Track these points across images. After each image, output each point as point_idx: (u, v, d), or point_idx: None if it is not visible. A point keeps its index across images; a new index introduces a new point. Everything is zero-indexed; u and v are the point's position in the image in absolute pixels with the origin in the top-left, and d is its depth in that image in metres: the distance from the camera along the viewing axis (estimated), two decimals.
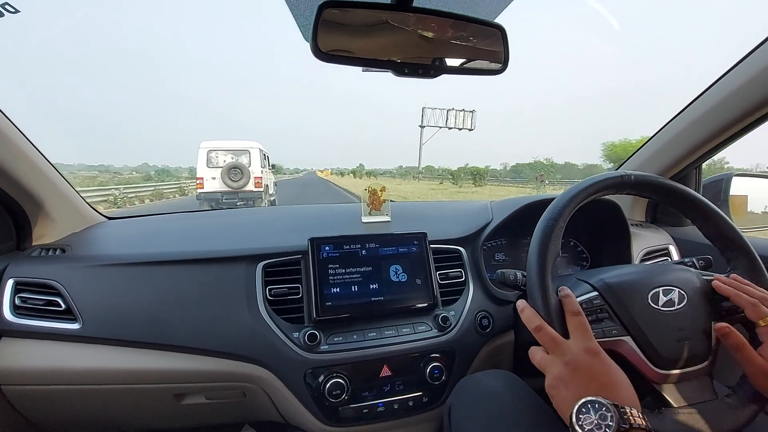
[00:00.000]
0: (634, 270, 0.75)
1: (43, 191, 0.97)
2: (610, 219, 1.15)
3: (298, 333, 0.88)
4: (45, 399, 0.89)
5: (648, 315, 0.66)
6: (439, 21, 0.72)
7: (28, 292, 0.87)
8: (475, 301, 1.01)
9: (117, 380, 0.87)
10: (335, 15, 0.66)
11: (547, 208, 0.72)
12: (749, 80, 0.94)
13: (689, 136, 1.14)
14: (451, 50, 0.75)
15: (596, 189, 0.73)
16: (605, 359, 0.57)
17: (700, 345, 0.65)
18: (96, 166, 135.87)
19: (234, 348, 0.87)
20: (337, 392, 0.84)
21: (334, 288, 0.92)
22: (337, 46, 0.69)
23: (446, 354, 0.94)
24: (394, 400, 0.91)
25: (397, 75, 0.73)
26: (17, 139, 0.89)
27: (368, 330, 0.92)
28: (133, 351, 0.87)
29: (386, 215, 1.18)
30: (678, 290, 0.68)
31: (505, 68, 0.76)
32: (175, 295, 0.90)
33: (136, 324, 0.86)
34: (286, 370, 0.87)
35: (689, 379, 0.64)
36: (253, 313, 0.88)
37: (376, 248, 0.97)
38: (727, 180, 1.34)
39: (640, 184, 0.75)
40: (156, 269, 0.92)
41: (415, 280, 0.97)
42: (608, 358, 0.57)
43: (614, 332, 0.66)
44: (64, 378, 0.86)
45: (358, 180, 43.05)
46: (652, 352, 0.64)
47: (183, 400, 0.92)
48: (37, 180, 0.95)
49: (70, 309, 0.86)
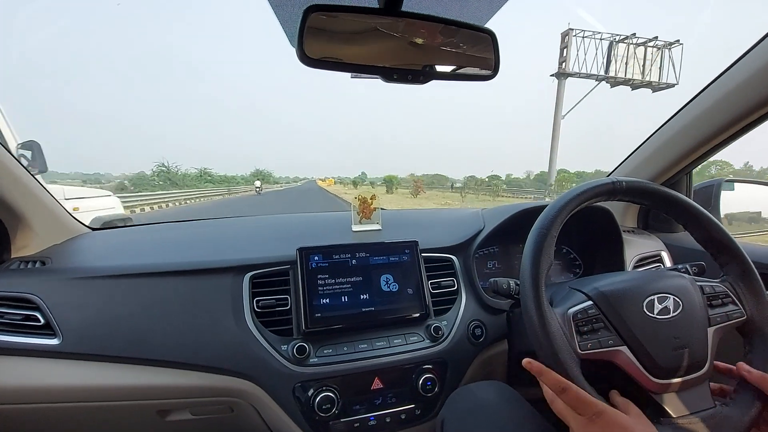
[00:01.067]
0: (628, 277, 0.74)
1: (22, 202, 0.94)
2: (602, 226, 1.14)
3: (287, 345, 0.85)
4: (23, 418, 0.85)
5: (644, 323, 0.65)
6: (429, 26, 0.71)
7: (5, 306, 0.84)
8: (467, 311, 0.99)
9: (98, 397, 0.84)
10: (322, 20, 0.65)
11: (540, 217, 0.71)
12: (740, 85, 0.95)
13: (680, 141, 1.14)
14: (441, 56, 0.74)
15: (588, 196, 0.72)
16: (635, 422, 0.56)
17: (697, 353, 0.64)
18: (91, 174, 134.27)
19: (220, 362, 0.84)
20: (327, 406, 0.82)
21: (324, 299, 0.90)
22: (325, 51, 0.67)
23: (439, 365, 0.92)
24: (385, 413, 0.89)
25: (386, 81, 0.71)
26: None
27: (359, 342, 0.90)
28: (115, 366, 0.83)
29: (377, 223, 1.16)
30: (673, 297, 0.67)
31: (495, 74, 0.75)
32: (159, 308, 0.87)
33: (119, 338, 0.83)
34: (275, 384, 0.84)
35: (688, 388, 0.64)
36: (240, 326, 0.86)
37: (366, 257, 0.96)
38: (718, 185, 1.35)
39: (631, 190, 0.74)
40: (139, 281, 0.89)
41: (407, 289, 0.96)
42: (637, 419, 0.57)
43: (610, 342, 0.65)
44: (43, 396, 0.82)
45: (405, 198, 27.58)
46: (650, 362, 0.63)
47: (167, 416, 0.89)
48: (16, 190, 0.92)
49: (48, 324, 0.83)
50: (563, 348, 0.62)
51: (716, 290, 0.70)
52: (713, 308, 0.68)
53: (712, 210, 1.33)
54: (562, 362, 0.61)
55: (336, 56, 0.69)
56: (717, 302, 0.69)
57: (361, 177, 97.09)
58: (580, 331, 0.65)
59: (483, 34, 0.73)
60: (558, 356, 0.61)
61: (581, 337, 0.65)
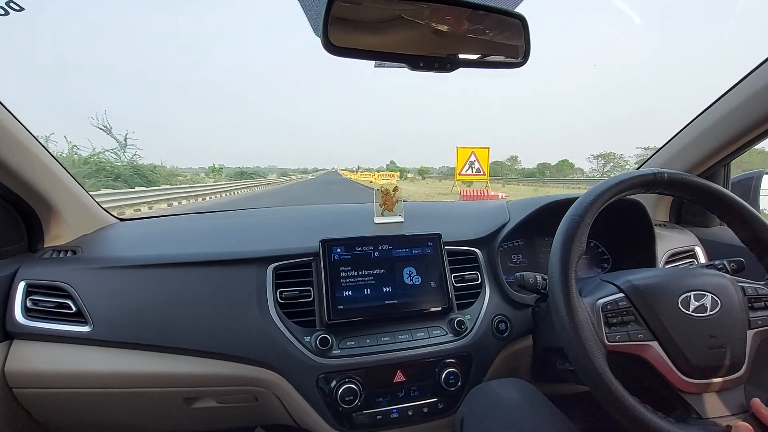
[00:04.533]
0: (662, 272, 0.71)
1: (54, 193, 0.97)
2: (633, 219, 1.10)
3: (310, 337, 0.85)
4: (55, 402, 0.88)
5: (677, 320, 0.63)
6: (455, 12, 0.69)
7: (39, 294, 0.87)
8: (491, 305, 0.98)
9: (127, 384, 0.86)
10: (346, 8, 0.64)
11: (573, 205, 0.69)
12: None
13: (720, 131, 1.08)
14: (469, 43, 0.72)
15: (626, 186, 0.70)
16: None
17: (734, 354, 0.62)
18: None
19: (245, 352, 0.85)
20: (350, 398, 0.82)
21: (346, 291, 0.89)
22: (350, 40, 0.66)
23: (462, 359, 0.91)
24: (408, 406, 0.88)
25: (411, 69, 0.70)
26: (28, 141, 0.89)
27: (381, 334, 0.89)
28: (144, 354, 0.86)
29: (399, 216, 1.15)
30: (711, 296, 0.65)
31: (525, 61, 0.72)
32: (186, 298, 0.88)
33: (146, 327, 0.85)
34: (298, 374, 0.85)
35: (721, 390, 0.61)
36: (263, 317, 0.87)
37: (389, 250, 0.95)
38: (758, 178, 1.28)
39: (673, 183, 0.71)
40: (166, 271, 0.91)
41: (430, 282, 0.94)
42: None
43: (640, 336, 0.63)
44: (75, 381, 0.85)
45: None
46: (681, 360, 0.61)
47: (194, 403, 0.91)
48: (48, 182, 0.95)
49: (80, 311, 0.85)
50: (590, 338, 0.60)
51: (759, 292, 0.67)
52: (755, 311, 0.66)
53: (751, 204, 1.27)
54: (588, 352, 0.59)
55: (361, 44, 0.68)
56: (759, 305, 0.66)
57: (391, 168, 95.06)
58: (608, 322, 0.64)
59: (513, 20, 0.71)
60: (584, 345, 0.59)
61: (609, 328, 0.63)
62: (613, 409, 0.57)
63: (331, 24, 0.63)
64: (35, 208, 0.96)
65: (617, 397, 0.57)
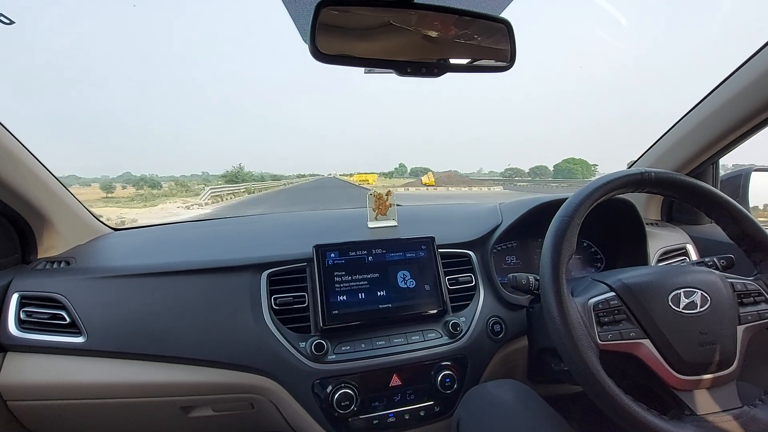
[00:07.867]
0: (653, 270, 0.72)
1: (47, 204, 0.97)
2: (624, 218, 1.11)
3: (305, 343, 0.86)
4: (51, 414, 0.87)
5: (668, 317, 0.64)
6: (442, 18, 0.70)
7: (32, 306, 0.86)
8: (486, 307, 0.98)
9: (123, 394, 0.86)
10: (334, 15, 0.64)
11: (562, 206, 0.70)
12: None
13: (706, 129, 1.10)
14: (456, 48, 0.73)
15: (614, 186, 0.70)
16: None
17: (725, 350, 0.63)
18: (119, 176, 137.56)
19: (240, 359, 0.85)
20: (346, 403, 0.82)
21: (341, 296, 0.89)
22: (337, 47, 0.67)
23: (458, 361, 0.91)
24: (404, 410, 0.88)
25: (399, 75, 0.71)
26: (20, 153, 0.89)
27: (376, 338, 0.89)
28: (139, 364, 0.85)
29: (393, 220, 1.16)
30: (701, 292, 0.65)
31: (512, 65, 0.73)
32: (180, 306, 0.88)
33: (142, 336, 0.85)
34: (294, 380, 0.85)
35: (713, 386, 0.62)
36: (258, 323, 0.87)
37: (382, 254, 0.95)
38: (746, 175, 1.30)
39: (661, 181, 0.72)
40: (160, 280, 0.91)
41: (424, 286, 0.95)
42: None
43: (632, 335, 0.64)
44: (70, 392, 0.85)
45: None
46: (673, 357, 0.62)
47: (190, 412, 0.90)
48: (41, 193, 0.95)
49: (74, 322, 0.85)
50: (582, 337, 0.61)
51: (748, 288, 0.68)
52: (744, 306, 0.67)
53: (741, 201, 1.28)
54: (580, 351, 0.59)
55: (349, 51, 0.68)
56: (749, 300, 0.67)
57: (400, 170, 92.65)
58: (600, 321, 0.64)
59: (498, 25, 0.72)
60: (576, 345, 0.60)
61: (602, 327, 0.64)
62: (607, 407, 0.58)
63: (319, 31, 0.63)
64: (28, 220, 0.96)
65: (611, 395, 0.57)
